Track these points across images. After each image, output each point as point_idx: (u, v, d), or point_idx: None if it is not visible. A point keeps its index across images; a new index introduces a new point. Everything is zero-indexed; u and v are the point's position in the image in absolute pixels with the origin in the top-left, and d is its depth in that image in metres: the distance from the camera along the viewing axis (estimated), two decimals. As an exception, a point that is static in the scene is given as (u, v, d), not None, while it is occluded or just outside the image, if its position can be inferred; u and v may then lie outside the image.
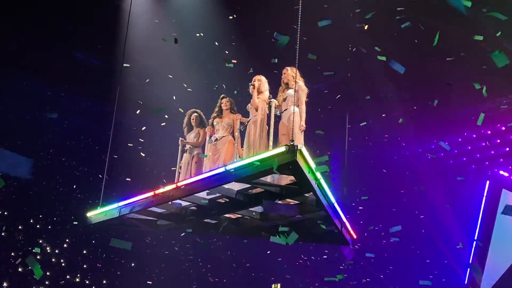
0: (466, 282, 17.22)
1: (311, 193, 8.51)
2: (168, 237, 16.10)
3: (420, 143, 17.73)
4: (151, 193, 9.21)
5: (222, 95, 10.21)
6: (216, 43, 11.60)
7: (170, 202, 9.25)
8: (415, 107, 16.58)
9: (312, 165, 7.91)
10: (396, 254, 17.06)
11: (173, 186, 9.00)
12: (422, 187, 12.93)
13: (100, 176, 14.25)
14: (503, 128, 16.84)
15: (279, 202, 8.62)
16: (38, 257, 14.74)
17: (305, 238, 10.07)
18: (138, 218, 10.04)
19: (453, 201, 16.90)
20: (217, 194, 9.00)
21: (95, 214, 9.97)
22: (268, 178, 8.60)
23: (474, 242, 17.32)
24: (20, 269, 15.50)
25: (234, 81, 11.22)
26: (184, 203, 9.44)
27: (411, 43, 14.16)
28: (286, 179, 8.65)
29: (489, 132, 17.12)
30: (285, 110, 9.14)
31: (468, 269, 17.13)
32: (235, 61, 9.87)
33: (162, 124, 10.66)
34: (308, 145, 8.56)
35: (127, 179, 12.58)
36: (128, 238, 15.29)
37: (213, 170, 8.74)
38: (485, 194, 17.59)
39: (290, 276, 17.33)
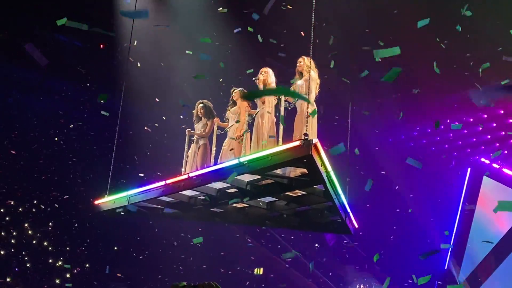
0: (446, 267, 18.24)
1: (320, 184, 9.21)
2: (151, 221, 16.66)
3: (403, 130, 18.51)
4: (162, 183, 9.80)
5: (233, 87, 10.79)
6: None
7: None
8: (398, 94, 17.31)
9: (325, 158, 8.60)
10: (378, 238, 17.93)
11: (185, 176, 9.62)
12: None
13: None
14: (485, 116, 17.65)
15: None
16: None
17: (309, 227, 10.82)
18: (145, 206, 10.64)
19: (435, 187, 17.81)
20: (228, 184, 9.65)
21: (104, 202, 10.53)
22: (278, 170, 9.25)
23: (455, 228, 18.34)
24: (2, 252, 16.05)
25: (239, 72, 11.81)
26: (193, 193, 10.08)
27: (396, 30, 14.89)
28: (295, 171, 9.31)
29: (471, 119, 17.94)
30: (297, 100, 9.76)
31: (449, 253, 18.18)
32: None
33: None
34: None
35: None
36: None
37: (225, 161, 9.39)
38: (466, 181, 18.56)
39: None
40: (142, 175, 13.21)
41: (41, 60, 14.64)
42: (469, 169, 18.61)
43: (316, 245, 17.97)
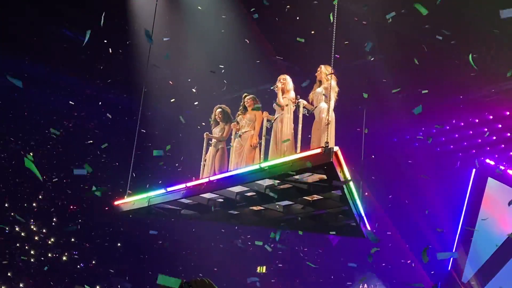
0: (449, 268, 18.96)
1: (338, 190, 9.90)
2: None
3: (408, 130, 19.10)
4: (183, 185, 10.48)
5: (245, 93, 11.49)
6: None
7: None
8: (404, 94, 17.89)
9: (345, 166, 9.29)
10: (382, 239, 18.59)
11: (206, 179, 10.30)
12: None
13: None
14: (491, 117, 18.27)
15: None
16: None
17: (323, 230, 11.52)
18: (164, 208, 11.31)
19: (440, 188, 18.45)
20: (246, 188, 10.34)
21: (124, 203, 11.20)
22: (297, 175, 9.92)
23: (459, 229, 19.06)
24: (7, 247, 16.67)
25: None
26: (212, 195, 10.77)
27: (404, 30, 15.51)
28: (313, 176, 9.98)
29: (477, 120, 18.54)
30: (315, 107, 10.45)
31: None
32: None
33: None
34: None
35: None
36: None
37: (246, 167, 10.09)
38: (471, 182, 19.25)
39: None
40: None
41: None
42: (474, 170, 19.26)
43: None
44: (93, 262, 17.78)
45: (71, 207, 17.07)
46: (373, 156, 18.59)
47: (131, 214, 11.36)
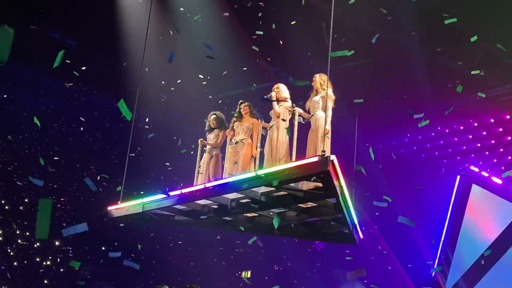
0: (433, 275, 19.24)
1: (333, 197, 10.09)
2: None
3: (393, 136, 19.32)
4: (177, 191, 10.62)
5: (241, 100, 11.66)
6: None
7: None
8: (390, 100, 18.11)
9: (340, 174, 9.49)
10: (365, 244, 18.81)
11: (201, 186, 10.46)
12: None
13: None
14: (475, 124, 18.55)
15: None
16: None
17: (316, 237, 11.71)
18: (157, 213, 11.43)
19: (424, 194, 18.72)
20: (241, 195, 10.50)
21: (117, 209, 11.31)
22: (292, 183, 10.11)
23: (443, 235, 19.36)
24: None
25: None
26: (206, 202, 10.92)
27: (392, 35, 15.74)
28: (308, 184, 10.17)
29: (462, 127, 18.80)
30: (312, 115, 10.64)
31: (436, 261, 19.20)
32: None
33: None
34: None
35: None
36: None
37: (242, 174, 10.25)
38: (455, 189, 19.55)
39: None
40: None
41: None
42: (458, 177, 19.56)
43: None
44: (75, 268, 17.75)
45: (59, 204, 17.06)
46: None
47: (125, 219, 11.45)
